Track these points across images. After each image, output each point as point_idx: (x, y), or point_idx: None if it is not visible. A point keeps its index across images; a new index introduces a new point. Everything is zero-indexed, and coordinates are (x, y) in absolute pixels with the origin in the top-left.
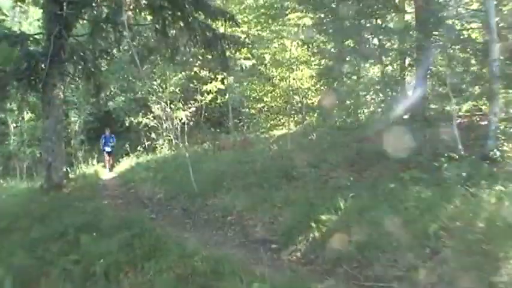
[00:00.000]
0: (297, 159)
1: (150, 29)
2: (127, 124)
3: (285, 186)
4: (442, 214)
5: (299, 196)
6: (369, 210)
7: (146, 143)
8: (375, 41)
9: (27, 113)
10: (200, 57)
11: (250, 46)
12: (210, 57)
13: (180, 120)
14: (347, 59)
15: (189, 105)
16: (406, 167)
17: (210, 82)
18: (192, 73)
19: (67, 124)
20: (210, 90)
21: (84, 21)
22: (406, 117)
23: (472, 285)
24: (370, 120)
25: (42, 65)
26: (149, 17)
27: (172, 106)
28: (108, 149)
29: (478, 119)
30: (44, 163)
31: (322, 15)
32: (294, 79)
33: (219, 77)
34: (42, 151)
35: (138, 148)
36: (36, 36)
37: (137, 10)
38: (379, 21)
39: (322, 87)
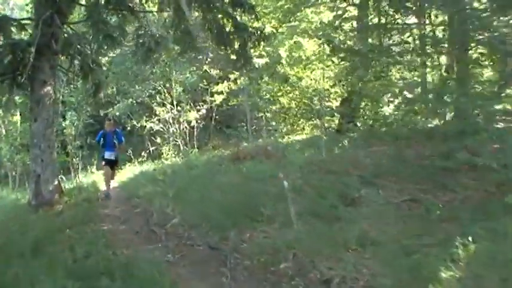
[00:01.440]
0: (343, 174)
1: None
2: (129, 128)
3: (348, 215)
4: None
5: (380, 233)
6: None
7: (151, 149)
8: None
9: (16, 114)
10: (211, 54)
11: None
12: (224, 52)
13: (189, 124)
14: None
15: (198, 107)
16: (505, 186)
17: (222, 82)
18: (201, 72)
19: (64, 128)
20: (222, 91)
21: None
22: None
23: None
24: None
25: (31, 58)
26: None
27: (179, 108)
28: (110, 155)
29: None
30: (31, 174)
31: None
32: (312, 79)
33: (231, 76)
34: (30, 160)
35: (142, 154)
36: (23, 21)
37: None
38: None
39: (343, 89)
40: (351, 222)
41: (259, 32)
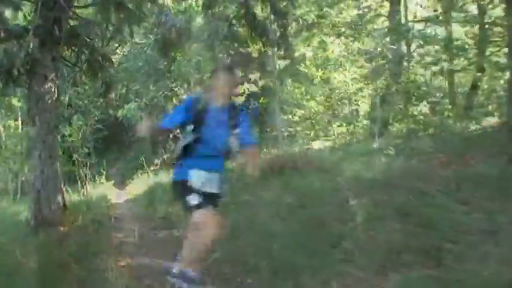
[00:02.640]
0: (424, 192)
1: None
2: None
3: (477, 252)
4: None
5: None
6: None
7: (165, 156)
8: None
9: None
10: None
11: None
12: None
13: None
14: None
15: None
16: None
17: (242, 84)
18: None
19: (70, 134)
20: (243, 92)
21: None
22: None
23: None
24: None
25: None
26: None
27: None
28: (210, 182)
29: None
30: (30, 189)
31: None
32: (339, 81)
33: (251, 77)
34: (28, 172)
35: (155, 162)
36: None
37: None
38: None
39: (372, 91)
40: (489, 262)
41: (301, 19)
